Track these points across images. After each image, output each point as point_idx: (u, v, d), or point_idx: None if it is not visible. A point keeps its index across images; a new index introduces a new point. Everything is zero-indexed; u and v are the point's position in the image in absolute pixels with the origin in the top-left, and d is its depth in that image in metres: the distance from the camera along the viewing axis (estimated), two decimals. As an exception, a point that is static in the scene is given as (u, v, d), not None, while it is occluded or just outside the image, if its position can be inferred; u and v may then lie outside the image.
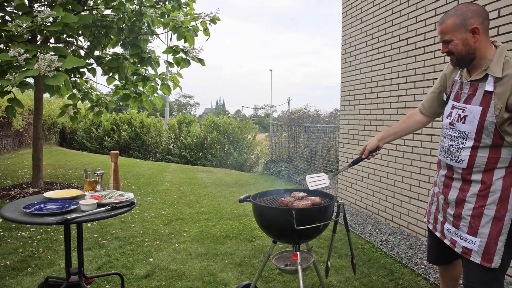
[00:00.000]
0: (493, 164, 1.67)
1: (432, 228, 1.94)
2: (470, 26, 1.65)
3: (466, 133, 1.71)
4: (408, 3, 4.07)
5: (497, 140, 1.64)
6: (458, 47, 1.69)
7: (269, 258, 2.30)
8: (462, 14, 1.66)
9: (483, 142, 1.67)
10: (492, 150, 1.66)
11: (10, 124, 10.89)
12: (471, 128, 1.69)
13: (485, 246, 1.67)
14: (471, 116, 1.68)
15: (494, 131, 1.63)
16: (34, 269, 3.04)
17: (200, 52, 5.17)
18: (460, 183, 1.76)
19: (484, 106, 1.64)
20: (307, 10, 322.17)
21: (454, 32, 1.68)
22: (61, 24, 3.78)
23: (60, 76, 3.59)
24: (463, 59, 1.72)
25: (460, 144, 1.74)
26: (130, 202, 2.20)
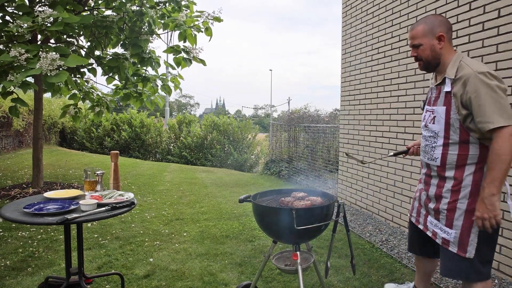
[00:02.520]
0: (463, 161, 1.84)
1: (415, 221, 2.14)
2: (437, 33, 1.88)
3: (437, 132, 1.91)
4: (408, 3, 4.07)
5: (464, 136, 1.82)
6: (425, 52, 1.91)
7: (269, 258, 2.30)
8: (431, 23, 1.89)
9: (452, 138, 1.85)
10: (461, 146, 1.84)
11: (10, 124, 10.89)
12: (440, 127, 1.89)
13: (459, 237, 1.85)
14: (438, 116, 1.88)
15: (460, 127, 1.82)
16: (34, 269, 3.04)
17: (200, 52, 5.16)
18: (437, 180, 1.95)
19: (447, 106, 1.84)
20: (306, 10, 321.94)
21: (423, 38, 1.89)
22: (62, 24, 3.78)
23: (62, 74, 3.60)
24: (430, 64, 1.93)
25: (433, 143, 1.94)
26: (130, 202, 2.20)
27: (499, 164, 1.71)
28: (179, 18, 4.91)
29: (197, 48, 5.13)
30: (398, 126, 4.24)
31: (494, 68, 3.05)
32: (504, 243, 2.97)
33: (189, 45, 5.17)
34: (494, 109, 1.70)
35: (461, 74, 1.80)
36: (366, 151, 4.87)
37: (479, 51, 3.20)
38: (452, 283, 2.88)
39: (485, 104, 1.71)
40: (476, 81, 1.73)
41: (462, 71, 1.80)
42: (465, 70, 1.79)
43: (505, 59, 2.96)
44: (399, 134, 4.22)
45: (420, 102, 3.90)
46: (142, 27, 5.33)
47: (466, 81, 1.76)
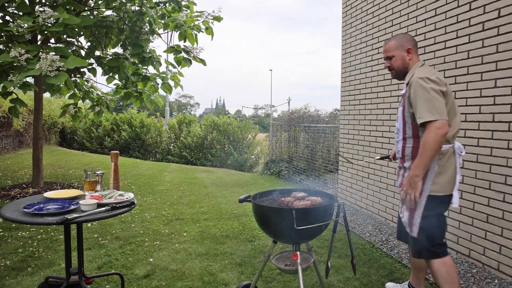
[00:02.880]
0: (415, 152, 2.16)
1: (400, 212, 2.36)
2: (406, 47, 2.27)
3: (399, 129, 2.27)
4: (408, 3, 4.07)
5: (415, 131, 2.16)
6: (397, 62, 2.28)
7: (269, 258, 2.30)
8: (401, 39, 2.30)
9: (407, 133, 2.20)
10: (414, 140, 2.17)
11: (10, 124, 10.89)
12: (400, 124, 2.25)
13: (409, 219, 2.20)
14: (399, 115, 2.26)
15: (411, 124, 2.16)
16: (34, 269, 3.04)
17: (201, 51, 5.15)
18: (402, 171, 2.27)
19: (403, 106, 2.21)
20: (306, 10, 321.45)
21: (395, 50, 2.28)
22: (62, 25, 3.78)
23: (62, 75, 3.59)
24: (400, 72, 2.30)
25: (397, 138, 2.29)
26: (130, 202, 2.20)
27: (425, 151, 2.03)
28: (179, 18, 4.91)
29: (197, 48, 5.13)
30: (398, 126, 4.24)
31: (494, 68, 3.06)
32: (504, 243, 2.97)
33: (189, 45, 5.17)
34: (426, 106, 2.03)
35: (410, 79, 2.17)
36: (366, 151, 4.87)
37: (479, 51, 3.20)
38: (452, 283, 2.88)
39: (419, 103, 2.06)
40: (416, 84, 2.09)
41: (412, 77, 2.14)
42: (413, 77, 2.14)
43: (505, 59, 2.96)
44: (399, 134, 4.22)
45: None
46: (142, 27, 5.33)
47: (411, 84, 2.13)
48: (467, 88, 3.33)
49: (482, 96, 3.18)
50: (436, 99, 2.02)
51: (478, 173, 3.22)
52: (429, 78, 2.07)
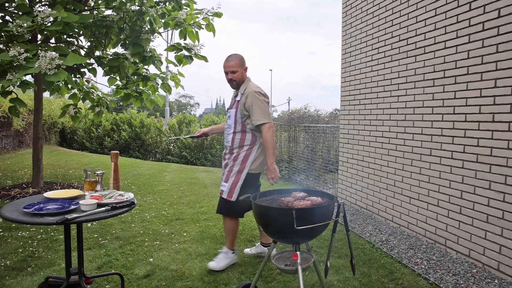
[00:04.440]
0: (242, 142, 3.01)
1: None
2: (244, 66, 3.08)
3: (230, 125, 3.06)
4: (408, 3, 4.07)
5: (243, 127, 3.01)
6: (239, 76, 3.03)
7: (269, 258, 2.30)
8: (241, 59, 3.06)
9: (237, 128, 3.02)
10: (242, 134, 3.01)
11: (10, 124, 10.89)
12: (232, 122, 3.04)
13: (230, 188, 2.99)
14: (231, 115, 3.04)
15: (241, 122, 3.00)
16: (34, 269, 3.04)
17: (202, 48, 5.13)
18: (228, 155, 3.07)
19: (236, 109, 3.01)
20: (306, 10, 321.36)
21: (238, 67, 3.02)
22: (61, 24, 3.77)
23: (61, 73, 3.59)
24: (239, 84, 3.06)
25: (228, 132, 3.08)
26: (130, 202, 2.20)
27: (269, 145, 2.93)
28: (179, 16, 4.90)
29: (198, 45, 5.11)
30: (398, 126, 4.24)
31: (494, 68, 3.06)
32: (504, 243, 2.97)
33: (190, 42, 5.15)
34: (261, 113, 2.91)
35: (246, 91, 2.98)
36: (366, 151, 4.87)
37: (479, 51, 3.20)
38: (452, 283, 2.88)
39: (256, 110, 2.91)
40: (252, 95, 2.93)
41: (247, 89, 2.99)
42: (249, 89, 2.98)
43: (505, 59, 2.96)
44: (399, 134, 4.22)
45: (420, 102, 3.90)
46: (143, 26, 5.33)
47: (248, 95, 2.94)
48: (467, 88, 3.33)
49: (482, 96, 3.18)
50: (266, 107, 2.97)
51: (478, 173, 3.22)
52: (260, 92, 2.97)
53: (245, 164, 2.99)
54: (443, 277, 2.99)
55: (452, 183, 3.50)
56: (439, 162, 3.65)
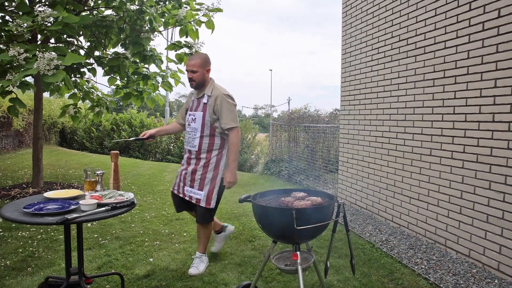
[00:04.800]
0: (211, 147, 2.91)
1: (177, 192, 3.06)
2: (207, 67, 2.96)
3: (196, 128, 2.91)
4: (408, 3, 4.07)
5: (212, 131, 2.89)
6: (199, 77, 2.92)
7: (269, 258, 2.30)
8: (204, 59, 2.95)
9: (205, 133, 2.89)
10: (210, 138, 2.90)
11: (10, 124, 10.89)
12: (199, 125, 2.90)
13: (207, 196, 2.88)
14: (198, 118, 2.90)
15: (210, 126, 2.88)
16: (34, 269, 3.04)
17: (202, 46, 5.13)
18: (195, 160, 2.93)
19: (204, 112, 2.88)
20: (306, 10, 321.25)
21: (199, 67, 2.90)
22: (61, 24, 3.77)
23: (59, 73, 3.59)
24: (199, 84, 2.94)
25: (194, 135, 2.93)
26: (130, 202, 2.20)
27: (235, 148, 2.89)
28: (179, 13, 4.90)
29: (198, 43, 5.11)
30: (398, 126, 4.24)
31: (494, 68, 3.06)
32: (504, 243, 2.97)
33: (190, 40, 5.15)
34: (230, 117, 2.85)
35: (214, 93, 2.89)
36: (366, 151, 4.87)
37: (479, 51, 3.20)
38: (452, 283, 2.88)
39: (225, 113, 2.84)
40: (222, 98, 2.85)
41: (215, 92, 2.90)
42: (216, 91, 2.89)
43: (505, 59, 2.96)
44: (399, 134, 4.22)
45: (420, 102, 3.90)
46: (143, 25, 5.32)
47: (217, 98, 2.85)
48: (467, 88, 3.33)
49: (482, 96, 3.18)
50: (235, 111, 2.92)
51: (478, 173, 3.22)
52: (229, 95, 2.92)
53: (218, 170, 2.91)
54: (443, 277, 2.99)
55: (452, 183, 3.50)
56: (439, 162, 3.65)
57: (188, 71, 2.92)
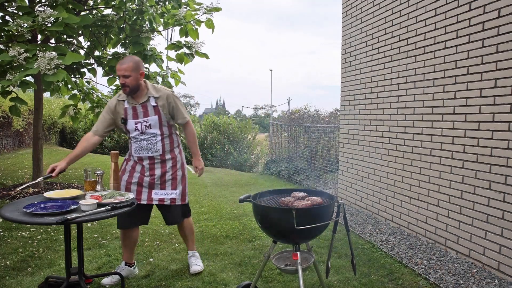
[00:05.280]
0: (172, 146, 2.88)
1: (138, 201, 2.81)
2: (140, 70, 2.74)
3: (155, 133, 2.79)
4: (408, 3, 4.07)
5: (170, 130, 2.86)
6: (133, 81, 2.70)
7: (269, 258, 2.30)
8: (136, 62, 2.73)
9: (165, 134, 2.83)
10: (170, 137, 2.86)
11: (10, 124, 10.89)
12: (157, 128, 2.79)
13: (182, 193, 2.90)
14: (153, 122, 2.78)
15: (167, 126, 2.84)
16: (34, 269, 3.04)
17: (202, 46, 5.11)
18: (160, 164, 2.84)
19: (158, 115, 2.78)
20: (306, 10, 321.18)
21: (132, 71, 2.68)
22: (62, 25, 3.78)
23: (60, 73, 3.59)
24: (133, 90, 2.72)
25: (154, 140, 2.81)
26: (130, 202, 2.20)
27: (195, 138, 3.06)
28: (179, 13, 4.90)
29: (199, 43, 5.10)
30: (398, 126, 4.24)
31: (494, 68, 3.06)
32: (504, 243, 2.97)
33: (191, 40, 5.14)
34: (184, 110, 2.91)
35: (161, 94, 2.80)
36: (366, 151, 4.87)
37: (479, 51, 3.20)
38: (452, 283, 2.88)
39: (181, 109, 2.87)
40: (173, 96, 2.84)
41: (161, 92, 2.81)
42: (162, 92, 2.82)
43: (505, 59, 2.96)
44: (399, 134, 4.22)
45: (420, 102, 3.90)
46: (143, 25, 5.32)
47: (168, 97, 2.81)
48: (467, 88, 3.33)
49: (482, 96, 3.18)
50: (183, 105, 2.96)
51: (478, 173, 3.22)
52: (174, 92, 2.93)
53: (184, 166, 2.95)
54: (443, 277, 2.99)
55: (452, 183, 3.50)
56: (439, 162, 3.65)
57: (120, 76, 2.68)
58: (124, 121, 2.78)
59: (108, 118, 2.80)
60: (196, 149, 3.05)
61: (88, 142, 2.75)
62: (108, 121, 2.80)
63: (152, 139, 2.79)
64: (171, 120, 2.85)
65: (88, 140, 2.76)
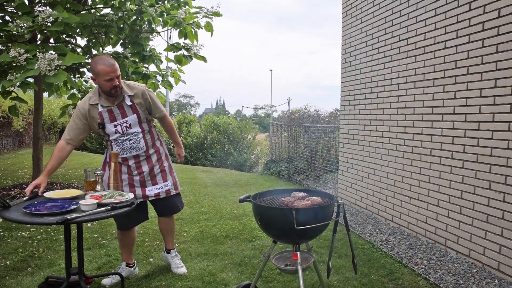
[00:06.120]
0: (153, 139, 2.87)
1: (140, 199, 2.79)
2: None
3: (137, 131, 2.75)
4: (408, 3, 4.07)
5: (149, 126, 2.84)
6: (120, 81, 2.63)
7: (269, 258, 2.30)
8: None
9: (145, 129, 2.79)
10: (150, 132, 2.84)
11: (10, 124, 10.88)
12: (137, 127, 2.74)
13: (173, 183, 2.93)
14: (133, 122, 2.72)
15: (146, 121, 2.80)
16: (34, 269, 3.04)
17: (201, 48, 5.12)
18: (145, 161, 2.81)
19: (136, 113, 2.71)
20: (306, 10, 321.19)
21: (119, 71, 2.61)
22: (62, 24, 3.77)
23: (61, 74, 3.59)
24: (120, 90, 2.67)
25: (136, 139, 2.76)
26: (130, 202, 2.20)
27: (174, 129, 3.09)
28: (179, 15, 4.90)
29: (197, 45, 5.10)
30: (398, 126, 4.24)
31: (494, 68, 3.06)
32: (504, 243, 2.97)
33: (189, 42, 5.15)
34: (160, 104, 2.88)
35: (136, 91, 2.71)
36: (366, 151, 4.87)
37: (479, 51, 3.20)
38: (452, 283, 2.88)
39: (157, 103, 2.85)
40: (148, 92, 2.79)
41: (135, 89, 2.72)
42: (136, 89, 2.73)
43: (505, 59, 2.96)
44: (399, 134, 4.22)
45: (420, 102, 3.90)
46: (142, 25, 5.32)
47: (143, 94, 2.74)
48: (467, 88, 3.33)
49: (482, 96, 3.18)
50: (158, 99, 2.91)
51: (478, 173, 3.22)
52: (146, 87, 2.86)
53: (168, 156, 2.98)
54: (443, 277, 2.99)
55: (452, 183, 3.50)
56: (439, 162, 3.65)
57: (114, 77, 2.53)
58: (101, 125, 2.65)
59: (81, 125, 2.63)
60: (178, 138, 3.13)
61: (63, 152, 2.60)
62: (81, 128, 2.63)
63: (135, 137, 2.74)
64: (148, 116, 2.83)
65: (63, 149, 2.60)
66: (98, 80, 2.55)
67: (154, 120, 2.94)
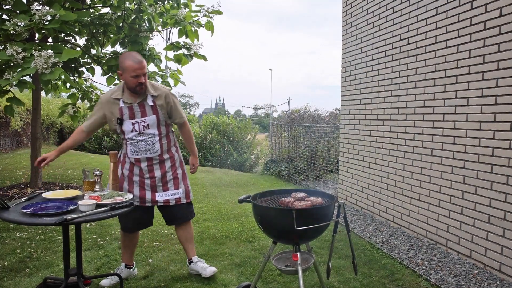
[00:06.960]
0: (169, 145, 2.80)
1: (141, 203, 2.76)
2: None
3: (153, 133, 2.70)
4: (409, 2, 4.05)
5: (167, 130, 2.79)
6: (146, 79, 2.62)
7: (269, 259, 2.28)
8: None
9: (163, 133, 2.75)
10: (167, 137, 2.78)
11: (8, 124, 10.85)
12: (155, 129, 2.70)
13: (185, 191, 2.86)
14: (152, 122, 2.67)
15: (165, 125, 2.76)
16: (32, 270, 3.02)
17: (201, 47, 5.10)
18: (158, 165, 2.75)
19: (156, 114, 2.68)
20: (306, 10, 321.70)
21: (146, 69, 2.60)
22: (59, 22, 3.75)
23: (57, 70, 3.58)
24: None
25: (152, 141, 2.71)
26: (129, 203, 2.18)
27: (192, 138, 3.00)
28: (179, 14, 4.87)
29: (197, 44, 5.08)
30: (399, 126, 4.22)
31: (496, 68, 3.04)
32: (506, 244, 2.95)
33: (189, 41, 5.13)
34: (181, 110, 2.83)
35: (160, 92, 2.70)
36: (366, 151, 4.86)
37: (480, 51, 3.18)
38: (453, 284, 2.86)
39: (179, 108, 2.81)
40: (171, 96, 2.75)
41: (160, 90, 2.71)
42: (161, 90, 2.71)
43: (507, 59, 2.95)
44: (400, 134, 4.20)
45: (421, 101, 3.88)
46: (141, 24, 5.30)
47: (167, 97, 2.71)
48: (469, 87, 3.31)
49: (483, 96, 3.16)
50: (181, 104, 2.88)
51: (479, 174, 3.20)
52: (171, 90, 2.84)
53: (183, 163, 2.90)
54: (444, 278, 2.97)
55: (453, 184, 3.48)
56: (440, 162, 3.63)
57: (140, 74, 2.54)
58: (120, 121, 2.63)
59: (101, 116, 2.69)
60: (194, 147, 3.03)
61: (80, 136, 2.72)
62: (101, 119, 2.70)
63: (151, 139, 2.68)
64: (168, 119, 2.77)
65: (78, 133, 2.71)
66: (124, 75, 2.56)
67: (173, 125, 2.87)
